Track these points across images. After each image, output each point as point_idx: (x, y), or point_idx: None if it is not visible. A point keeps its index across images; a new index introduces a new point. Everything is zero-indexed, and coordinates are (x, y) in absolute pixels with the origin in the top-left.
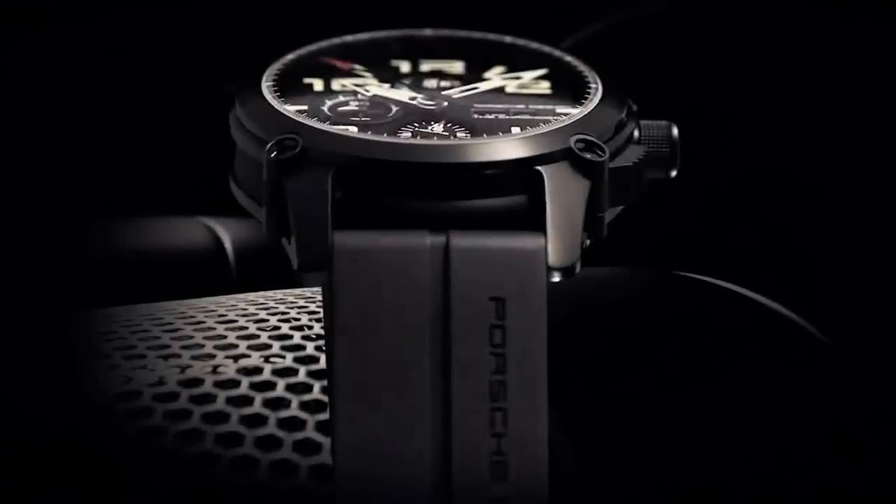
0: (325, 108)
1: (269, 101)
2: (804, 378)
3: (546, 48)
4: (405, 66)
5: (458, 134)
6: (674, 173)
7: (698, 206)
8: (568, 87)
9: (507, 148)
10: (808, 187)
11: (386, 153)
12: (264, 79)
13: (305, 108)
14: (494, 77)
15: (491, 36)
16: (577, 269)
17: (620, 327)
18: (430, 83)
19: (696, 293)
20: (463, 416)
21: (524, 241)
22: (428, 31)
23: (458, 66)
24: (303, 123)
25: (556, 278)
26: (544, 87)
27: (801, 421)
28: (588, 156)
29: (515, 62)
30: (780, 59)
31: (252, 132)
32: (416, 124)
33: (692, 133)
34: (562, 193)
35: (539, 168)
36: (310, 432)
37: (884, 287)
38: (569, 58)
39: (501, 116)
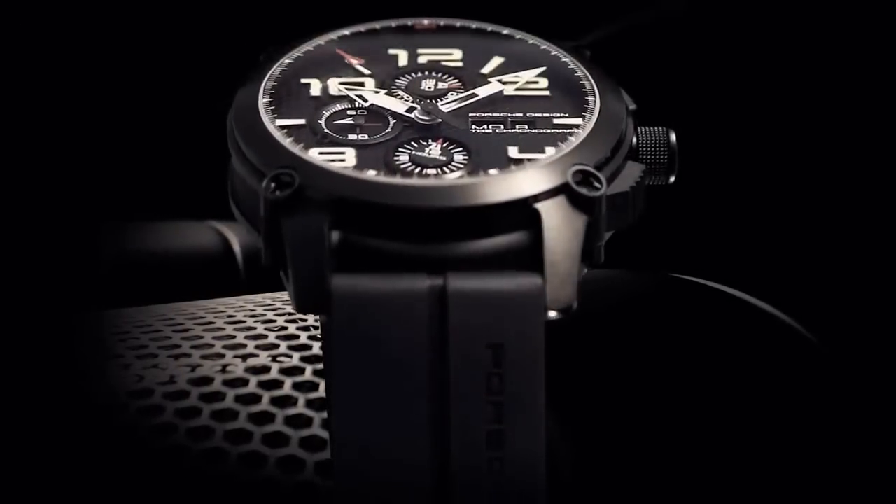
0: (322, 122)
1: (266, 123)
2: (796, 380)
3: (544, 44)
4: (403, 58)
5: (456, 157)
6: (672, 179)
7: (694, 208)
8: (566, 89)
9: (504, 188)
10: (805, 190)
11: (382, 196)
12: (261, 90)
13: (302, 121)
14: (492, 80)
15: (490, 27)
16: (575, 307)
17: (616, 329)
18: (428, 84)
19: (692, 295)
20: (461, 466)
21: (522, 283)
22: (425, 21)
23: (456, 55)
24: (299, 157)
25: (554, 317)
26: (542, 86)
27: (794, 422)
28: (585, 190)
29: (513, 55)
30: (780, 62)
31: (249, 159)
32: (413, 144)
33: (687, 134)
34: (559, 232)
35: (536, 206)
36: (316, 429)
37: (876, 290)
38: (566, 58)
39: (499, 130)
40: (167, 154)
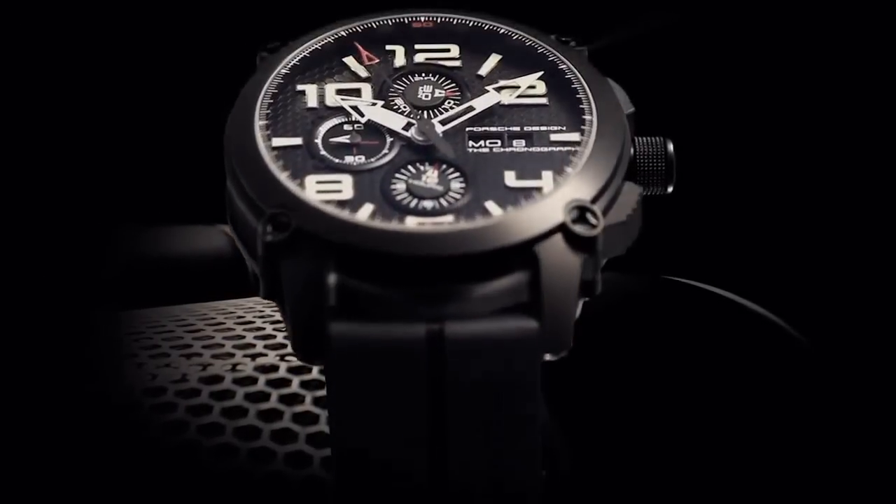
0: (319, 141)
1: (262, 151)
2: (786, 379)
3: (541, 44)
4: (400, 57)
5: (453, 185)
6: (670, 189)
7: (687, 210)
8: (562, 96)
9: (500, 234)
10: (800, 195)
11: (380, 243)
12: (257, 108)
13: (299, 141)
14: (490, 88)
15: (487, 25)
16: (571, 345)
17: (609, 329)
18: (425, 91)
19: (684, 297)
20: None
21: (518, 328)
22: (423, 17)
23: (453, 52)
24: (296, 196)
25: (550, 359)
26: (539, 92)
27: (783, 421)
28: (581, 229)
29: (510, 53)
30: (776, 69)
31: (245, 192)
32: (410, 169)
33: (681, 137)
34: (556, 274)
35: (533, 248)
36: (322, 426)
37: (866, 291)
38: (563, 64)
39: (496, 149)
40: (181, 160)
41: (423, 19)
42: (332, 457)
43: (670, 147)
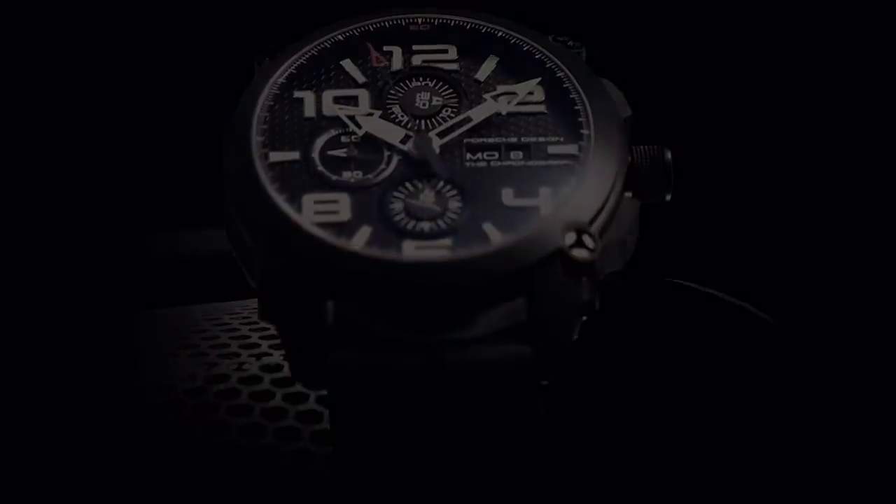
0: (316, 156)
1: (259, 172)
2: (784, 381)
3: (539, 49)
4: (398, 60)
5: (450, 204)
6: (668, 197)
7: (685, 213)
8: (559, 103)
9: (497, 263)
10: (797, 197)
11: (377, 273)
12: (254, 122)
13: (296, 156)
14: (487, 96)
15: (485, 27)
16: (568, 369)
17: (608, 331)
18: (423, 99)
19: (683, 299)
20: None
21: (515, 356)
22: (420, 18)
23: (451, 54)
24: (293, 222)
25: (546, 383)
26: (536, 99)
27: (782, 422)
28: (579, 254)
29: (507, 55)
30: (775, 71)
31: (242, 214)
32: (408, 186)
33: (679, 139)
34: (553, 301)
35: (531, 274)
36: (326, 424)
37: (862, 294)
38: (560, 72)
39: (493, 164)
40: (189, 165)
41: (420, 21)
42: (333, 464)
43: (668, 156)
